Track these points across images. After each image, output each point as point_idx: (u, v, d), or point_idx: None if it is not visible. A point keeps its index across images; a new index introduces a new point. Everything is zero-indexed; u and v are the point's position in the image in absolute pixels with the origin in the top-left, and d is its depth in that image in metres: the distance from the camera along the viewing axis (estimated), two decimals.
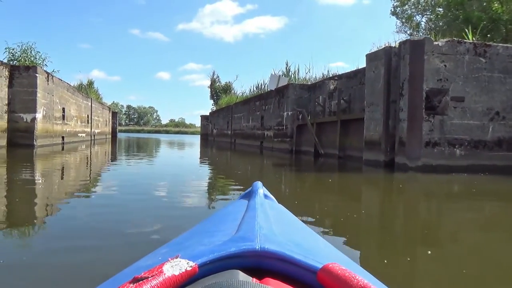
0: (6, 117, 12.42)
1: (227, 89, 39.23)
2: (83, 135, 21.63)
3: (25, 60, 14.56)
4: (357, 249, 2.62)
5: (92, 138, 24.51)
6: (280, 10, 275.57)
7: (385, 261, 2.34)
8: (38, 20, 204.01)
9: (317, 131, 13.40)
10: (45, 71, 14.11)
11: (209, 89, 42.87)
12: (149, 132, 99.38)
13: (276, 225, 0.72)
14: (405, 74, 8.35)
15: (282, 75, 18.03)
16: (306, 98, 15.28)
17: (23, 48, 15.07)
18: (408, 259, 2.43)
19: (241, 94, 29.62)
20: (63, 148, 14.86)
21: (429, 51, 8.20)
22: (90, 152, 13.64)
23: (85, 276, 1.93)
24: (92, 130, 24.54)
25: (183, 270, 0.47)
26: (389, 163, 8.68)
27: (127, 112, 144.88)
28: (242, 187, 5.41)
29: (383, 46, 9.43)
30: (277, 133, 16.69)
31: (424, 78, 8.18)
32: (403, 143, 8.32)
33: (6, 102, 12.40)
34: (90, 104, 23.63)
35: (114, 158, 11.86)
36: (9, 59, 14.49)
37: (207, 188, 5.86)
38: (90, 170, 8.10)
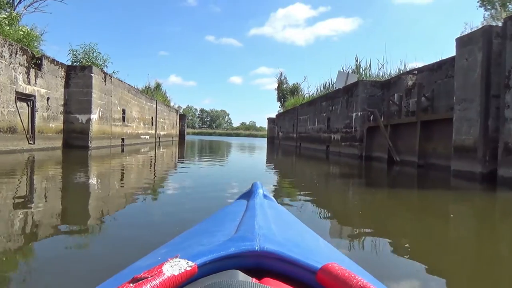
0: (62, 118, 12.38)
1: (294, 90, 37.79)
2: (147, 137, 21.72)
3: (87, 61, 14.61)
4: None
5: (157, 140, 24.69)
6: (354, 11, 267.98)
7: None
8: (124, 31, 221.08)
9: (391, 135, 11.51)
10: (102, 71, 13.99)
11: (276, 91, 41.83)
12: (220, 134, 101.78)
13: (275, 225, 0.74)
14: None
15: (351, 72, 16.24)
16: (379, 96, 13.38)
17: (85, 49, 15.18)
18: None
19: (307, 95, 28.03)
20: (123, 150, 14.66)
21: None
22: (154, 155, 13.14)
23: None
24: (157, 132, 24.72)
25: (183, 270, 0.47)
26: (488, 176, 6.70)
27: (200, 115, 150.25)
28: (309, 192, 5.34)
29: (480, 26, 7.42)
30: (345, 136, 14.95)
31: None
32: (509, 150, 6.31)
33: (62, 103, 12.36)
34: (154, 106, 23.79)
35: (179, 160, 11.29)
36: (72, 60, 14.65)
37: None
38: (154, 173, 7.66)
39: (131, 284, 0.43)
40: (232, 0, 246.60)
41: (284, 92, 39.76)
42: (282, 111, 35.41)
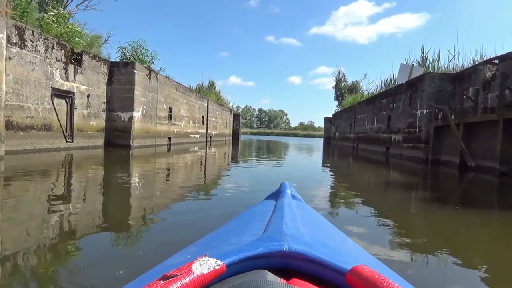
0: (104, 115, 12.09)
1: (353, 88, 35.67)
2: (196, 136, 21.31)
3: (134, 59, 14.35)
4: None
5: (208, 139, 24.28)
6: (421, 6, 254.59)
7: None
8: (184, 32, 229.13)
9: (464, 135, 9.71)
10: (146, 67, 13.58)
11: (334, 89, 39.86)
12: (277, 135, 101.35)
13: (303, 225, 0.74)
14: None
15: (415, 65, 14.38)
16: (449, 91, 11.52)
17: (133, 46, 14.96)
18: None
19: (367, 92, 26.06)
20: (169, 150, 14.19)
21: None
22: (204, 155, 12.45)
23: None
24: (209, 131, 24.31)
25: (212, 269, 0.47)
26: None
27: (258, 115, 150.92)
28: (362, 199, 4.87)
29: None
30: (407, 137, 13.19)
31: None
32: None
33: (105, 100, 12.07)
34: (206, 104, 23.39)
35: (232, 161, 10.59)
36: (121, 58, 14.47)
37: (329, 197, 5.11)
38: (201, 174, 7.10)
39: (162, 282, 0.43)
40: (292, 0, 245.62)
41: (342, 90, 37.73)
42: (339, 110, 33.55)
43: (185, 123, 18.80)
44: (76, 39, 12.32)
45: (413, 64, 14.30)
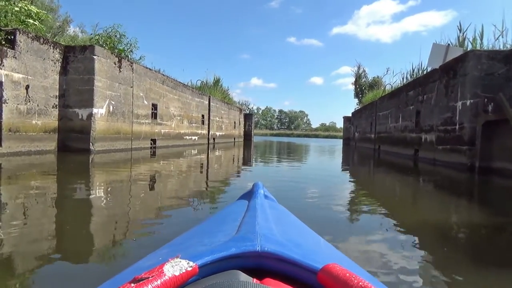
0: (56, 113, 9.65)
1: (374, 85, 32.42)
2: (194, 137, 18.79)
3: (109, 47, 11.93)
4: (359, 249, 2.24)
5: (211, 141, 21.74)
6: (447, 3, 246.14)
7: None
8: (208, 36, 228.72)
9: None
10: (115, 54, 11.09)
11: (353, 86, 36.63)
12: (298, 136, 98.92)
13: (276, 225, 0.74)
14: None
15: (451, 45, 11.39)
16: (502, 74, 8.56)
17: (107, 33, 12.56)
18: None
19: (389, 86, 22.92)
20: (153, 154, 11.73)
21: None
22: (201, 160, 9.91)
23: None
24: (211, 132, 21.77)
25: (184, 271, 0.47)
26: None
27: (279, 117, 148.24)
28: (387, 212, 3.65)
29: None
30: (443, 136, 10.23)
31: None
32: None
33: (56, 94, 9.62)
34: (206, 102, 20.85)
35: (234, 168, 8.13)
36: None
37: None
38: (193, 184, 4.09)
39: (132, 285, 0.42)
40: (314, 1, 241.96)
41: (363, 87, 34.53)
42: (358, 108, 30.41)
43: (177, 123, 16.28)
44: (29, 20, 10.04)
45: (449, 44, 11.30)
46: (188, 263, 0.48)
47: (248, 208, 0.86)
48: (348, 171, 9.09)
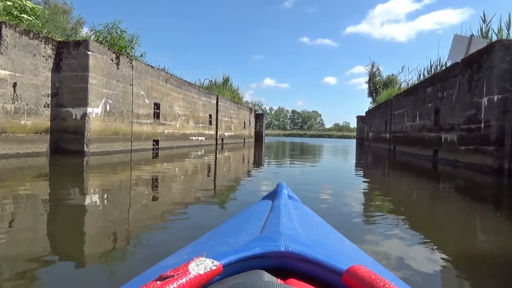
0: (48, 112, 9.09)
1: (389, 83, 31.33)
2: (201, 138, 18.15)
3: (111, 44, 11.37)
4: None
5: (219, 142, 21.09)
6: (463, 1, 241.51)
7: None
8: (223, 39, 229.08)
9: None
10: (111, 50, 10.46)
11: (367, 84, 35.57)
12: (311, 136, 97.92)
13: (300, 225, 0.73)
14: None
15: (474, 36, 10.45)
16: None
17: (108, 29, 12.00)
18: None
19: (405, 84, 21.90)
20: (156, 155, 11.13)
21: None
22: (208, 162, 9.26)
23: None
24: (219, 133, 21.12)
25: (208, 269, 0.47)
26: None
27: (291, 117, 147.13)
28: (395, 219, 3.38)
29: None
30: (466, 136, 9.33)
31: None
32: None
33: (48, 92, 9.05)
34: (214, 101, 20.20)
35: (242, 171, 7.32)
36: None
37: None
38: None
39: (158, 282, 0.42)
40: (328, 0, 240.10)
41: (377, 85, 33.46)
42: (372, 107, 29.38)
43: (182, 123, 15.65)
44: (23, 15, 9.53)
45: (471, 35, 10.37)
46: (213, 262, 0.48)
47: (272, 208, 0.86)
48: (368, 178, 8.28)
